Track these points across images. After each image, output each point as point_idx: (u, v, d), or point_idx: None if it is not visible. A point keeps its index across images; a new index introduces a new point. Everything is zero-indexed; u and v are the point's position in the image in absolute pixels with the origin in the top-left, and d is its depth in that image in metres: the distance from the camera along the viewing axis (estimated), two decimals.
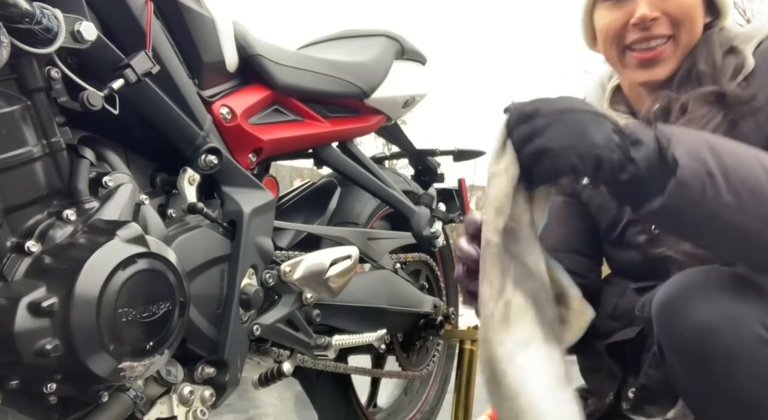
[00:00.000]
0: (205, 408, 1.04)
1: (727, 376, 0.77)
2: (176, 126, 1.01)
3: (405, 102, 1.55)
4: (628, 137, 0.74)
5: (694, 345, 0.78)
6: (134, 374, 0.83)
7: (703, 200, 0.72)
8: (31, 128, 0.81)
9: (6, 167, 0.78)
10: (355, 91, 1.39)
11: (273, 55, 1.22)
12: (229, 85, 1.15)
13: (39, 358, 0.75)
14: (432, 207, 1.61)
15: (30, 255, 0.79)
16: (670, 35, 0.97)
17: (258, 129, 1.18)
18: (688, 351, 0.79)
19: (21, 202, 0.81)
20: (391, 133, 1.72)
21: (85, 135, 0.93)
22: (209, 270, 1.03)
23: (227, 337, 1.05)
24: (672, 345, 0.82)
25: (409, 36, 1.60)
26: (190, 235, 1.00)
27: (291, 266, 1.18)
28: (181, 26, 1.03)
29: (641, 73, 0.99)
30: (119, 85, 0.87)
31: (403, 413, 1.80)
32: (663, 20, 0.96)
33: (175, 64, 1.01)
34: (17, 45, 0.76)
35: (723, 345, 0.76)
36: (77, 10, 0.85)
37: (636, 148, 0.73)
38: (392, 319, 1.46)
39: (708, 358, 0.77)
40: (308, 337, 1.25)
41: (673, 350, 0.82)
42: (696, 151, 0.73)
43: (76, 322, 0.76)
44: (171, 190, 1.04)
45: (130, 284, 0.82)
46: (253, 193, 1.13)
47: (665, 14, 0.96)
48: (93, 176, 0.89)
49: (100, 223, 0.85)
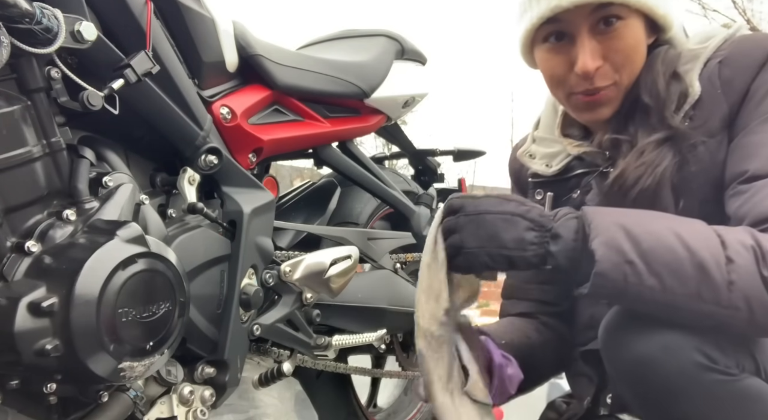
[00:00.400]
0: (205, 408, 1.04)
1: (669, 403, 0.78)
2: (176, 126, 1.01)
3: (405, 102, 1.55)
4: (547, 231, 0.77)
5: (636, 376, 0.80)
6: (134, 374, 0.83)
7: (627, 286, 0.75)
8: (31, 128, 0.81)
9: (6, 167, 0.78)
10: (355, 91, 1.39)
11: (273, 55, 1.22)
12: (229, 85, 1.16)
13: (39, 358, 0.75)
14: (432, 207, 1.61)
15: (30, 255, 0.79)
16: (612, 83, 0.92)
17: (258, 129, 1.18)
18: (632, 382, 0.81)
19: (21, 202, 0.81)
20: (391, 133, 1.72)
21: (85, 135, 0.93)
22: (209, 270, 1.03)
23: (227, 337, 1.05)
24: (618, 375, 0.84)
25: (409, 36, 1.60)
26: (190, 235, 1.00)
27: (291, 266, 1.18)
28: (181, 26, 1.03)
29: (586, 115, 0.96)
30: (119, 85, 0.87)
31: (403, 413, 1.80)
32: (605, 68, 0.91)
33: (175, 64, 1.01)
34: (17, 45, 0.76)
35: (660, 375, 0.78)
36: (77, 10, 0.85)
37: (555, 242, 0.77)
38: (392, 319, 1.46)
39: (649, 387, 0.79)
40: (308, 337, 1.25)
41: (620, 380, 0.84)
42: (613, 240, 0.75)
43: (76, 322, 0.76)
44: (171, 190, 1.04)
45: (130, 284, 0.82)
46: (253, 193, 1.13)
47: (607, 61, 0.91)
48: (93, 176, 0.89)
49: (100, 223, 0.85)
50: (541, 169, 1.06)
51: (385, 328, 1.42)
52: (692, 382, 0.76)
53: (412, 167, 1.85)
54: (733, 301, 0.73)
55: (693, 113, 0.90)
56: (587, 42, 0.89)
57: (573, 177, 1.03)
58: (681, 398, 0.77)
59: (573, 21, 0.90)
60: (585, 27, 0.89)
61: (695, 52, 0.93)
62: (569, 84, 0.94)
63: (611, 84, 0.92)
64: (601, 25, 0.89)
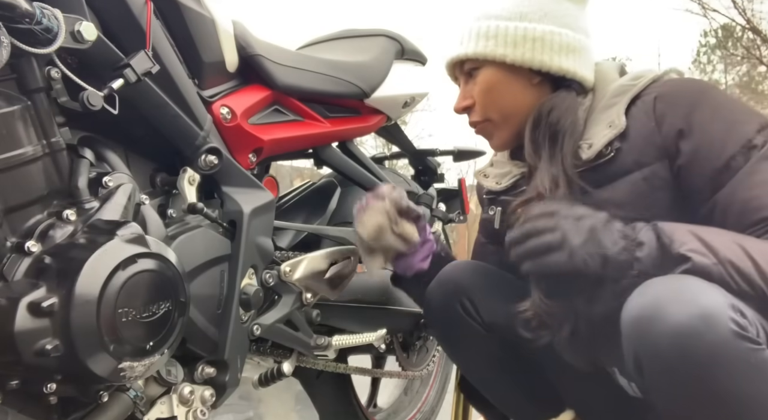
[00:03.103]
0: (205, 408, 1.04)
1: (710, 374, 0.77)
2: (176, 126, 1.01)
3: (405, 102, 1.55)
4: (633, 240, 0.87)
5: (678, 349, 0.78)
6: (134, 374, 0.83)
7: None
8: (31, 128, 0.81)
9: (6, 167, 0.78)
10: (355, 91, 1.39)
11: (273, 55, 1.22)
12: (229, 85, 1.15)
13: (39, 358, 0.75)
14: (432, 207, 1.61)
15: (30, 255, 0.79)
16: (482, 119, 1.12)
17: (258, 129, 1.18)
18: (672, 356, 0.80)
19: (21, 202, 0.81)
20: (391, 133, 1.72)
21: (85, 135, 0.93)
22: (209, 270, 1.03)
23: (227, 337, 1.05)
24: (655, 352, 0.82)
25: (409, 36, 1.61)
26: (190, 235, 1.00)
27: (291, 266, 1.18)
28: (181, 26, 1.03)
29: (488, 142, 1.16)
30: (119, 84, 0.87)
31: (403, 413, 1.80)
32: (476, 108, 1.12)
33: (175, 64, 1.01)
34: (17, 45, 0.76)
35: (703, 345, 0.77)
36: (77, 10, 0.85)
37: (640, 248, 0.86)
38: (392, 319, 1.46)
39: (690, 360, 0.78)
40: (308, 337, 1.25)
41: (654, 360, 0.82)
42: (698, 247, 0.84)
43: (76, 322, 0.76)
44: (171, 190, 1.04)
45: (130, 284, 0.82)
46: (253, 193, 1.13)
47: (476, 102, 1.11)
48: (93, 176, 0.89)
49: (100, 223, 0.85)
50: (493, 186, 1.21)
51: (385, 328, 1.42)
52: (732, 351, 0.77)
53: (412, 167, 1.85)
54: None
55: (620, 145, 1.00)
56: (462, 87, 1.14)
57: (520, 193, 1.14)
58: (722, 368, 0.77)
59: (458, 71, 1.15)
60: (462, 76, 1.14)
61: (624, 87, 1.04)
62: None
63: (483, 120, 1.12)
64: (470, 75, 1.12)
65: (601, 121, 1.03)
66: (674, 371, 0.80)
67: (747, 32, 12.71)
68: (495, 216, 1.20)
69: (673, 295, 0.80)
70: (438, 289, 1.19)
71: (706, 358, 0.77)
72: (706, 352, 0.77)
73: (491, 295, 1.16)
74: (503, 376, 1.20)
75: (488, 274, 1.20)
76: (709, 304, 0.78)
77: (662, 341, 0.79)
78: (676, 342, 0.78)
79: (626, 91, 1.03)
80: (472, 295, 1.16)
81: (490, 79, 1.09)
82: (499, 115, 1.11)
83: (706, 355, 0.77)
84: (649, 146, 0.98)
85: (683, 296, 0.80)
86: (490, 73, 1.09)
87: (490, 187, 1.21)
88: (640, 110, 1.00)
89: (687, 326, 0.78)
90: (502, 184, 1.19)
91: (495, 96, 1.10)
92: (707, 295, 0.80)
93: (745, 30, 12.75)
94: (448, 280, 1.19)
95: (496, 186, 1.20)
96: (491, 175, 1.22)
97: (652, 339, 0.80)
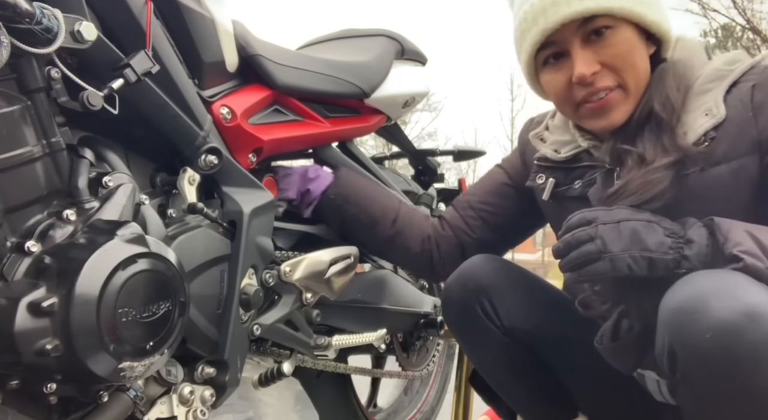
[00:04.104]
0: (205, 408, 1.04)
1: (754, 371, 0.76)
2: (176, 126, 1.01)
3: (405, 102, 1.55)
4: (681, 238, 0.84)
5: (721, 345, 0.76)
6: (134, 374, 0.83)
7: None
8: (31, 128, 0.81)
9: (6, 167, 0.78)
10: (355, 91, 1.39)
11: (273, 55, 1.22)
12: (229, 85, 1.15)
13: (39, 358, 0.75)
14: (432, 207, 1.62)
15: (30, 255, 0.79)
16: (615, 85, 0.96)
17: (258, 129, 1.18)
18: (714, 352, 0.77)
19: (21, 202, 0.81)
20: (391, 133, 1.72)
21: (85, 135, 0.93)
22: (209, 270, 1.03)
23: (227, 337, 1.05)
24: (690, 348, 0.80)
25: (409, 36, 1.61)
26: (190, 235, 1.00)
27: (291, 266, 1.18)
28: (181, 26, 1.03)
29: (598, 122, 0.99)
30: (119, 84, 0.87)
31: (403, 413, 1.80)
32: (603, 72, 0.95)
33: (175, 64, 1.01)
34: (17, 45, 0.76)
35: (748, 342, 0.75)
36: (77, 10, 0.84)
37: (689, 246, 0.84)
38: (392, 319, 1.46)
39: (733, 356, 0.76)
40: (308, 337, 1.25)
41: (692, 353, 0.80)
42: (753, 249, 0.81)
43: (76, 322, 0.76)
44: (171, 190, 1.04)
45: (130, 284, 0.82)
46: (253, 193, 1.13)
47: (603, 66, 0.95)
48: (93, 176, 0.89)
49: (100, 223, 0.85)
50: (550, 153, 1.10)
51: (385, 328, 1.42)
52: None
53: (412, 167, 1.85)
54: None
55: (715, 134, 0.92)
56: (581, 52, 0.94)
57: (578, 167, 1.06)
58: (763, 368, 0.75)
59: (564, 39, 0.95)
60: (576, 41, 0.95)
61: (721, 72, 0.95)
62: (573, 97, 0.98)
63: (615, 85, 0.96)
64: (593, 37, 0.95)
65: (696, 108, 0.95)
66: (713, 367, 0.78)
67: (747, 32, 12.73)
68: (545, 186, 1.10)
69: (718, 289, 0.78)
70: (457, 285, 1.15)
71: (747, 357, 0.75)
72: (748, 350, 0.75)
73: (512, 297, 1.13)
74: (519, 378, 1.18)
75: (510, 271, 1.15)
76: (755, 302, 0.76)
77: (702, 335, 0.77)
78: (718, 337, 0.76)
79: (723, 76, 0.95)
80: (492, 297, 1.12)
81: (630, 39, 0.95)
82: (635, 82, 0.96)
83: (747, 353, 0.75)
84: (742, 137, 0.91)
85: (729, 291, 0.77)
86: (629, 32, 0.95)
87: (548, 154, 1.11)
88: (736, 98, 0.93)
89: (731, 322, 0.75)
90: (561, 153, 1.09)
91: (636, 59, 0.96)
92: (754, 293, 0.77)
93: (745, 30, 12.77)
94: (469, 277, 1.14)
95: (555, 154, 1.10)
96: (549, 141, 1.12)
97: (693, 332, 0.78)
